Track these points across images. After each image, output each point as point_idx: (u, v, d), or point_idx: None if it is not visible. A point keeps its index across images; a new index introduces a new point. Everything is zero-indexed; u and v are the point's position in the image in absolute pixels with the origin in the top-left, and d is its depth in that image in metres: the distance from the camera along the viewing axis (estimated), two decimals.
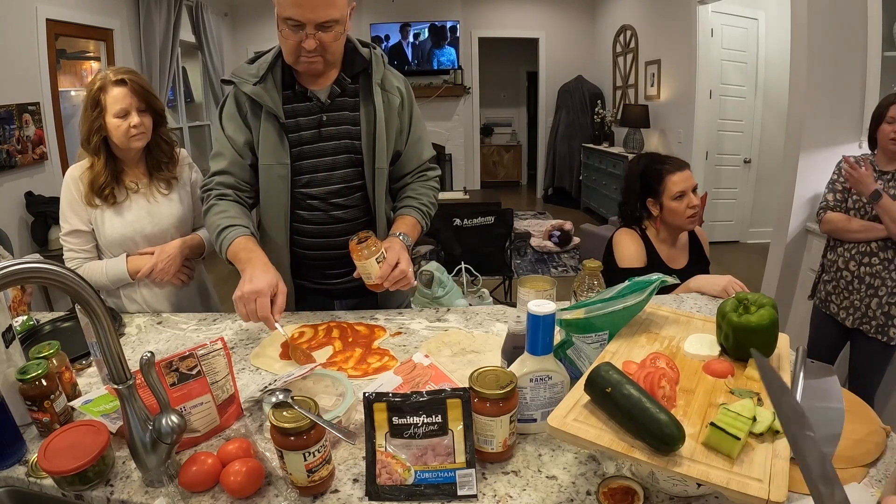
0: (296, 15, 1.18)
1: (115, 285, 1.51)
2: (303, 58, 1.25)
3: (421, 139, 1.49)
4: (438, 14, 6.86)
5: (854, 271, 2.10)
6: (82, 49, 4.26)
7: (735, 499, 0.63)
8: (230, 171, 1.37)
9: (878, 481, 0.81)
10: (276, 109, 1.32)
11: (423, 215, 1.46)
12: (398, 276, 1.26)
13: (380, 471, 0.80)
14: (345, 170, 1.39)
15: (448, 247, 3.64)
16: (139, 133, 1.43)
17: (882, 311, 2.04)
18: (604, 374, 0.74)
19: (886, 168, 2.05)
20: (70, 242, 1.49)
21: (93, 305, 0.74)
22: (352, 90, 1.37)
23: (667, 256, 1.77)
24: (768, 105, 5.14)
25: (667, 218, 1.75)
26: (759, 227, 5.35)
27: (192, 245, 1.56)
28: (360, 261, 1.25)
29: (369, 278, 1.27)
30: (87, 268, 1.49)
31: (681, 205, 1.71)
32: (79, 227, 1.48)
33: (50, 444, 0.83)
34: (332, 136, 1.37)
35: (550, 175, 7.72)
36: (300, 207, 1.41)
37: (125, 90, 1.40)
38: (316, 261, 1.47)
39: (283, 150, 1.34)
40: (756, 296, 0.88)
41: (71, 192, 1.47)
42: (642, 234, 1.79)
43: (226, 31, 6.28)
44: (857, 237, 2.08)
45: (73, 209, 1.47)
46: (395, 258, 1.26)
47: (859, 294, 2.09)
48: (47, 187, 3.44)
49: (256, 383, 1.10)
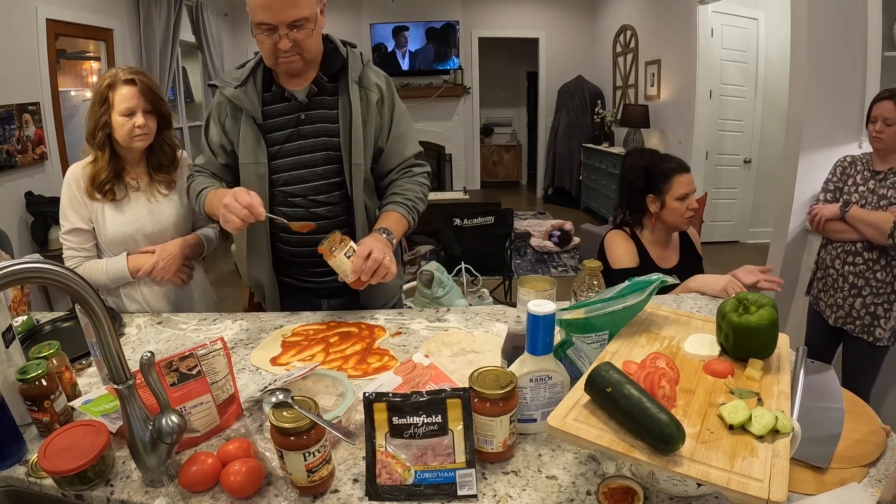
0: (267, 18, 1.22)
1: (115, 284, 1.51)
2: (281, 58, 1.29)
3: (404, 136, 1.49)
4: (438, 14, 6.86)
5: (839, 269, 2.11)
6: (82, 49, 4.26)
7: (735, 499, 0.63)
8: (207, 168, 1.47)
9: (878, 481, 0.81)
10: (253, 111, 1.36)
11: (408, 210, 1.45)
12: (372, 265, 1.22)
13: (380, 471, 0.80)
14: (324, 167, 1.41)
15: (448, 247, 3.64)
16: (142, 134, 1.44)
17: (867, 311, 2.04)
18: (604, 373, 0.74)
19: (880, 168, 2.05)
20: (70, 241, 1.49)
21: (93, 305, 0.74)
22: (330, 89, 1.40)
23: (657, 257, 1.79)
24: (768, 105, 5.14)
25: (665, 216, 1.76)
26: (759, 227, 5.35)
27: (192, 244, 1.57)
28: (331, 260, 1.25)
29: (346, 276, 1.25)
30: (86, 266, 1.49)
31: (682, 206, 1.73)
32: (79, 225, 1.48)
33: (50, 444, 0.83)
34: (309, 134, 1.39)
35: (550, 175, 7.72)
36: (281, 205, 1.43)
37: (134, 90, 1.41)
38: (299, 258, 1.48)
39: (260, 149, 1.39)
40: (756, 296, 0.88)
41: (72, 189, 1.47)
42: (632, 236, 1.80)
43: (226, 31, 6.28)
44: (841, 237, 2.10)
45: (73, 207, 1.47)
46: (366, 250, 1.23)
47: (843, 293, 2.10)
48: (47, 187, 3.44)
49: (256, 383, 1.10)
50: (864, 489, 0.79)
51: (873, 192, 2.03)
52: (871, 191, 2.04)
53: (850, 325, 2.08)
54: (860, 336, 2.06)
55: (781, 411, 0.72)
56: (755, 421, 0.70)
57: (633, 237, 1.80)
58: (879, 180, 2.03)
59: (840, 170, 2.18)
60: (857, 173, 2.12)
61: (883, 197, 1.99)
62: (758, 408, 0.73)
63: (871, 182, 2.05)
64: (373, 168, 1.47)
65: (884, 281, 1.99)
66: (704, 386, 0.81)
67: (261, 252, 1.46)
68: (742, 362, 0.86)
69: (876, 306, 2.02)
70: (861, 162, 2.12)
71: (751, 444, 0.68)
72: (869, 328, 2.04)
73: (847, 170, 2.16)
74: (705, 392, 0.79)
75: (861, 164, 2.12)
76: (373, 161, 1.46)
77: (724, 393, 0.79)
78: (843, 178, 2.16)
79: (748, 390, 0.78)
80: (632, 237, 1.80)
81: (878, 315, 2.02)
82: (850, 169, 2.15)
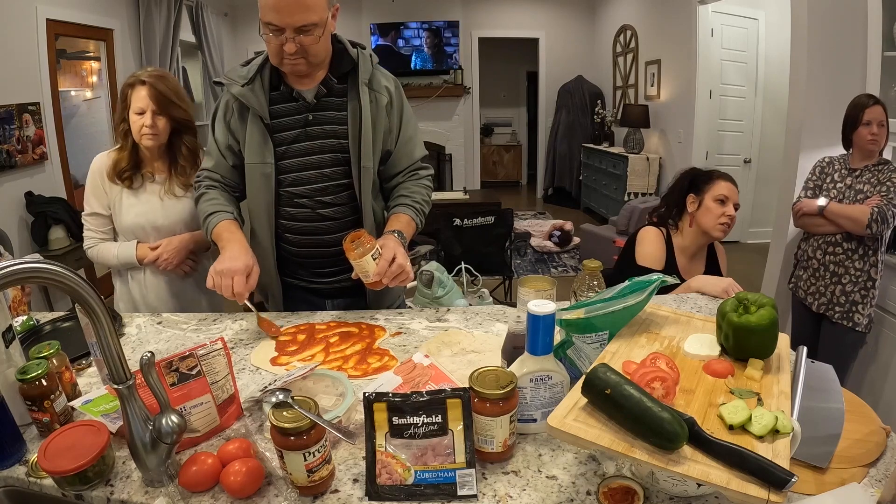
0: (275, 20, 1.21)
1: (123, 267, 1.66)
2: (286, 60, 1.28)
3: (412, 139, 1.49)
4: (438, 14, 6.86)
5: (821, 259, 2.28)
6: (82, 49, 4.26)
7: (735, 499, 0.63)
8: (215, 171, 1.46)
9: (878, 481, 0.81)
10: (261, 110, 1.35)
11: (416, 213, 1.46)
12: (396, 270, 1.26)
13: (380, 471, 0.80)
14: (331, 168, 1.40)
15: (448, 247, 3.64)
16: (150, 133, 1.54)
17: (846, 298, 2.21)
18: (601, 375, 0.74)
19: (856, 166, 2.23)
20: (90, 223, 1.65)
21: (93, 305, 0.74)
22: (339, 90, 1.39)
23: (683, 266, 1.78)
24: (768, 105, 5.14)
25: (700, 217, 1.75)
26: (759, 227, 5.35)
27: (199, 240, 1.66)
28: (355, 259, 1.24)
29: (367, 276, 1.26)
30: (101, 247, 1.65)
31: (719, 208, 1.73)
32: (98, 210, 1.63)
33: (50, 444, 0.83)
34: (317, 135, 1.38)
35: (550, 175, 7.72)
36: (288, 206, 1.43)
37: (146, 91, 1.52)
38: (305, 259, 1.48)
39: (267, 149, 1.38)
40: (756, 296, 0.88)
41: (95, 178, 1.61)
42: (667, 238, 1.80)
43: (226, 31, 6.28)
44: (821, 230, 2.26)
45: (94, 194, 1.62)
46: (390, 254, 1.26)
47: (824, 281, 2.27)
48: (47, 187, 3.45)
49: (256, 383, 1.10)
50: (864, 489, 0.79)
51: (850, 187, 2.21)
52: (848, 187, 2.22)
53: (831, 312, 2.26)
54: (840, 322, 2.24)
55: (781, 411, 0.72)
56: (755, 421, 0.70)
57: (667, 240, 1.79)
58: (856, 177, 2.22)
59: (819, 169, 2.36)
60: (835, 171, 2.30)
61: (860, 192, 2.17)
62: (758, 408, 0.73)
63: (848, 179, 2.24)
64: (380, 170, 1.47)
65: (861, 269, 2.18)
66: (704, 386, 0.81)
67: (265, 253, 1.46)
68: (742, 362, 0.86)
69: (854, 293, 2.19)
70: (838, 161, 2.31)
71: (751, 445, 0.68)
72: (848, 314, 2.22)
73: (826, 169, 2.34)
74: (705, 392, 0.79)
75: (838, 164, 2.30)
76: (380, 163, 1.46)
77: (724, 393, 0.79)
78: (822, 176, 2.34)
79: (748, 390, 0.78)
80: (666, 239, 1.79)
81: (856, 301, 2.19)
82: (829, 168, 2.33)
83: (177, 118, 1.57)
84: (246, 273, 1.25)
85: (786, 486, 0.61)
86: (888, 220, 2.04)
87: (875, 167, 2.17)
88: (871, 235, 2.10)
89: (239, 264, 1.25)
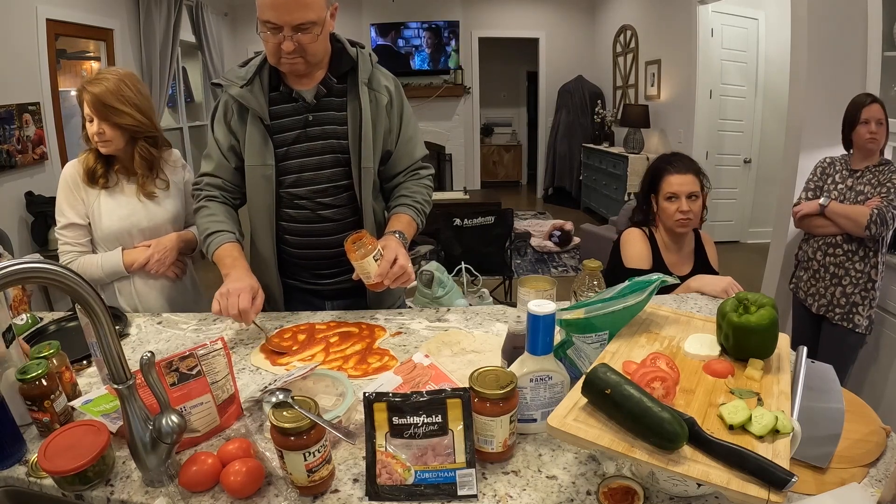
0: (272, 18, 1.20)
1: (110, 278, 1.54)
2: (283, 59, 1.26)
3: (412, 138, 1.49)
4: (438, 14, 6.86)
5: (821, 261, 2.27)
6: (82, 49, 4.26)
7: (735, 499, 0.63)
8: (217, 174, 1.43)
9: (878, 481, 0.81)
10: (260, 111, 1.34)
11: (417, 213, 1.46)
12: (398, 271, 1.25)
13: (380, 471, 0.80)
14: (332, 169, 1.39)
15: (448, 247, 3.64)
16: (100, 141, 1.45)
17: (847, 299, 2.20)
18: (601, 375, 0.74)
19: (857, 167, 2.23)
20: (65, 236, 1.51)
21: (93, 305, 0.74)
22: (338, 90, 1.38)
23: (671, 262, 1.77)
24: (768, 105, 5.14)
25: (661, 217, 1.76)
26: (759, 227, 5.35)
27: (186, 240, 1.60)
28: (357, 260, 1.24)
29: (368, 277, 1.26)
30: (82, 261, 1.51)
31: (671, 206, 1.72)
32: (74, 220, 1.50)
33: (50, 444, 0.83)
34: (317, 136, 1.38)
35: (550, 175, 7.72)
36: (288, 207, 1.42)
37: (87, 97, 1.42)
38: (305, 260, 1.48)
39: (267, 151, 1.36)
40: (756, 296, 0.88)
41: (68, 186, 1.50)
42: (650, 236, 1.79)
43: (226, 31, 6.28)
44: (821, 231, 2.25)
45: (69, 202, 1.50)
46: (392, 255, 1.26)
47: (824, 282, 2.27)
48: (47, 187, 3.44)
49: (256, 383, 1.10)
50: (864, 489, 0.79)
51: (851, 188, 2.21)
52: (849, 188, 2.22)
53: (832, 313, 2.25)
54: (840, 323, 2.23)
55: (781, 411, 0.72)
56: (755, 421, 0.70)
57: (650, 238, 1.79)
58: (857, 178, 2.21)
59: (820, 170, 2.36)
60: (836, 172, 2.29)
61: (860, 193, 2.17)
62: (758, 408, 0.73)
63: (849, 180, 2.23)
64: (380, 170, 1.46)
65: (862, 271, 2.17)
66: (704, 386, 0.81)
67: (266, 255, 1.45)
68: (742, 362, 0.86)
69: (855, 294, 2.19)
70: (839, 162, 2.30)
71: (751, 445, 0.68)
72: (849, 315, 2.21)
73: (827, 170, 2.34)
74: (705, 392, 0.79)
75: (840, 164, 2.30)
76: (380, 163, 1.45)
77: (724, 393, 0.79)
78: (822, 177, 2.33)
79: (748, 390, 0.78)
80: (649, 238, 1.79)
81: (857, 303, 2.19)
82: (830, 169, 2.33)
83: (121, 125, 1.43)
84: (252, 294, 1.23)
85: (786, 486, 0.61)
86: (888, 221, 2.04)
87: (876, 168, 2.17)
88: (870, 237, 2.10)
89: (243, 285, 1.24)
